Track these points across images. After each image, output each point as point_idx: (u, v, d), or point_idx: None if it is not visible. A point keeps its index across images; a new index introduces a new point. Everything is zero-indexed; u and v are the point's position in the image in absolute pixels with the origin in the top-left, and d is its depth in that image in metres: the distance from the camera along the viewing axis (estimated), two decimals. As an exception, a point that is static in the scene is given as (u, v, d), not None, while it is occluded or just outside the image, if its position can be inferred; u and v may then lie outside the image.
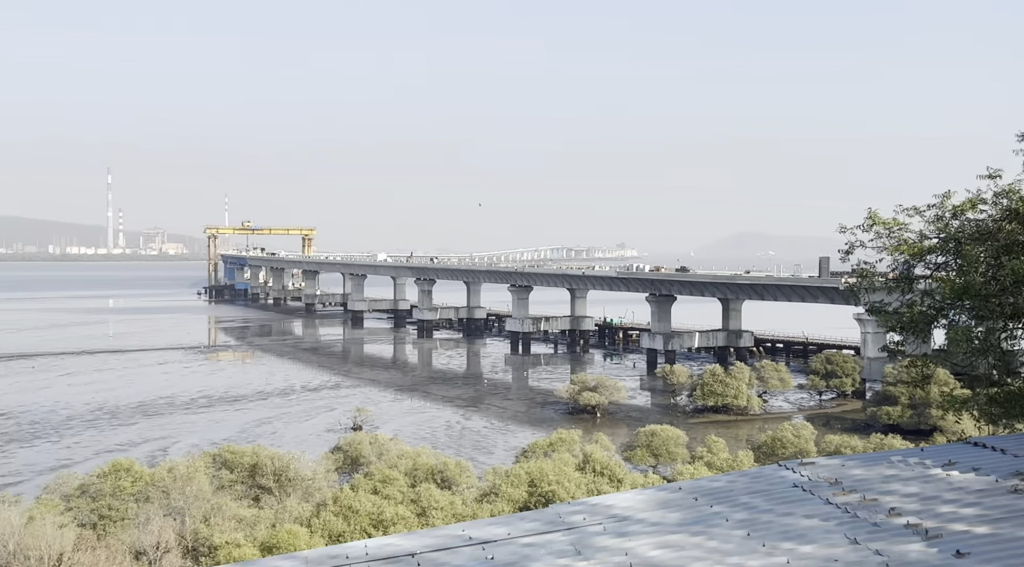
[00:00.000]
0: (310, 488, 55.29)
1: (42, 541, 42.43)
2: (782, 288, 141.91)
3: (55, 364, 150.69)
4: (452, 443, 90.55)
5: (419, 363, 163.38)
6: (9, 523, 44.54)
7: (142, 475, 53.01)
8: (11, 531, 43.96)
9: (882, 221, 18.17)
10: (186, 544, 45.92)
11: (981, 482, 11.01)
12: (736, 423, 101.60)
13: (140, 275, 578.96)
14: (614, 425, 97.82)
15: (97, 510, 50.41)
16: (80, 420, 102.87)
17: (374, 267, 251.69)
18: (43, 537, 42.66)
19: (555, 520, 11.44)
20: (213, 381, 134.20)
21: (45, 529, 43.30)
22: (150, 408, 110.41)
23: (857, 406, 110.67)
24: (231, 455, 57.47)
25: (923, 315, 17.77)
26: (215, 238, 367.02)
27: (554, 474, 50.94)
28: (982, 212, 17.02)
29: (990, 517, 9.79)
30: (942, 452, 12.57)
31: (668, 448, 72.22)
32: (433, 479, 53.34)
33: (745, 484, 12.09)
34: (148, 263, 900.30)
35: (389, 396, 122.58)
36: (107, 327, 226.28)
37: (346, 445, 66.87)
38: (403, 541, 11.26)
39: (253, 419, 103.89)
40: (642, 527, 10.77)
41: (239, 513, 48.10)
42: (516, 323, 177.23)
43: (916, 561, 8.88)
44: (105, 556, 43.02)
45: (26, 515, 46.37)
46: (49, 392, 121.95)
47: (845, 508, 10.53)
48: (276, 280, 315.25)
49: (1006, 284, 15.43)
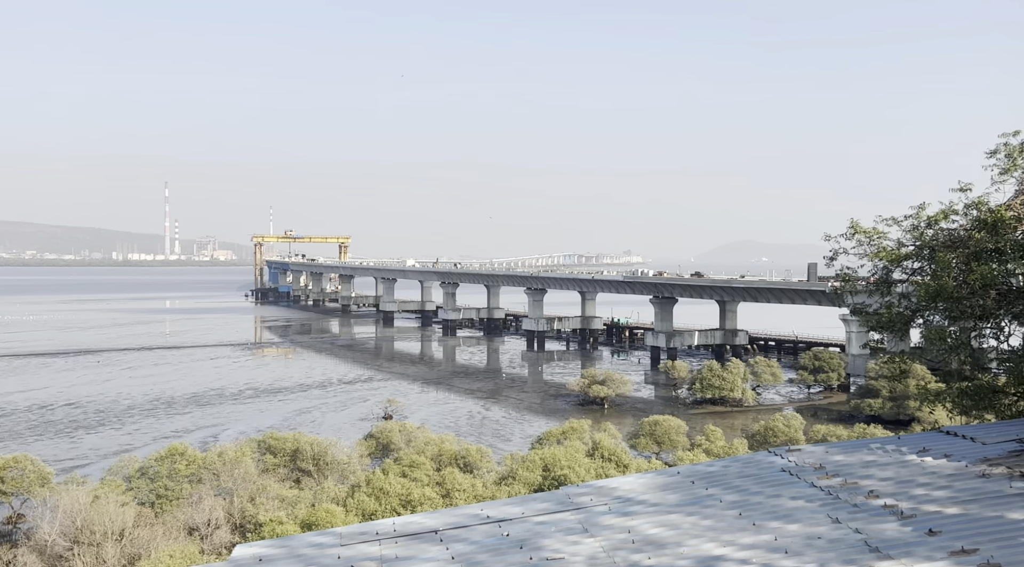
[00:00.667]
0: (345, 471, 55.47)
1: (106, 517, 42.79)
2: (774, 291, 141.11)
3: (118, 359, 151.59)
4: (473, 431, 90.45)
5: (444, 359, 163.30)
6: (77, 501, 44.93)
7: (195, 459, 53.23)
8: (78, 508, 44.35)
9: (863, 230, 18.09)
10: (234, 521, 46.10)
11: (952, 467, 10.92)
12: (732, 414, 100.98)
13: (193, 279, 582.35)
14: (621, 415, 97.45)
15: (155, 490, 50.70)
16: (139, 409, 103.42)
17: (403, 272, 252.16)
18: (107, 514, 43.03)
19: (564, 501, 11.45)
20: (259, 375, 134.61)
21: (109, 507, 43.65)
22: (202, 398, 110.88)
23: (842, 399, 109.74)
24: (274, 441, 57.65)
25: (900, 316, 17.65)
26: (261, 245, 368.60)
27: (566, 460, 50.77)
28: (954, 222, 16.92)
29: (960, 499, 9.72)
30: (917, 440, 12.48)
31: (670, 436, 71.88)
32: (456, 464, 53.29)
33: (737, 469, 12.06)
34: (200, 268, 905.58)
35: (417, 388, 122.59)
36: (164, 326, 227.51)
37: (378, 433, 66.94)
38: (426, 519, 11.29)
39: (294, 409, 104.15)
40: (643, 507, 10.76)
41: (282, 493, 48.24)
42: (532, 323, 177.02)
43: (892, 538, 8.83)
44: (162, 531, 43.30)
45: (92, 494, 46.72)
46: (112, 384, 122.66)
47: (828, 491, 10.48)
48: (315, 283, 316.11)
49: (975, 288, 15.32)
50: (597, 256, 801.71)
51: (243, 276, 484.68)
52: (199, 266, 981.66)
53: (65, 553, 42.97)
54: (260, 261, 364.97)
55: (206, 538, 44.21)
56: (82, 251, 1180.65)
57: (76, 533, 43.48)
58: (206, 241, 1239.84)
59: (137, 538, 42.29)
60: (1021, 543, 8.37)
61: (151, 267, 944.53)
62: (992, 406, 16.40)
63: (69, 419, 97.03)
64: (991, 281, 15.00)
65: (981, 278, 14.70)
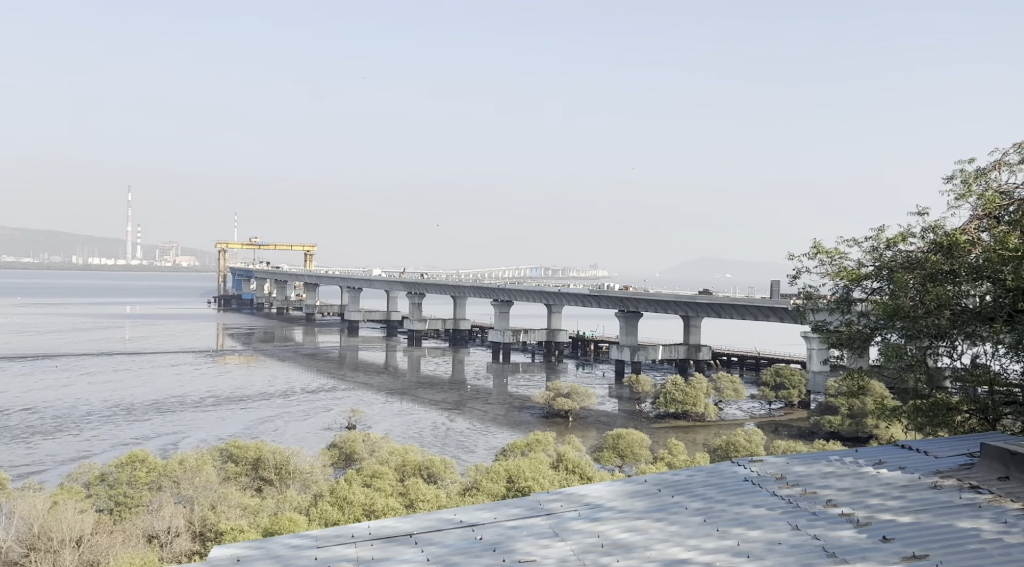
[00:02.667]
0: (308, 481, 55.24)
1: (64, 524, 42.19)
2: (737, 307, 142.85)
3: (76, 364, 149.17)
4: (438, 442, 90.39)
5: (409, 369, 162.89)
6: (34, 507, 44.25)
7: (155, 466, 52.69)
8: (36, 515, 43.68)
9: (825, 250, 18.68)
10: (194, 529, 45.70)
11: (906, 479, 11.42)
12: (694, 428, 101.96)
13: (155, 285, 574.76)
14: (585, 428, 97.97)
15: (114, 497, 50.08)
16: (98, 415, 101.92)
17: (369, 281, 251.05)
18: (65, 520, 42.42)
19: (535, 507, 11.77)
20: (220, 382, 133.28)
21: (67, 513, 43.04)
22: (163, 406, 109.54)
23: (803, 415, 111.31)
24: (236, 449, 57.26)
25: (859, 333, 18.26)
26: (224, 252, 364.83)
27: (530, 471, 51.06)
28: (912, 244, 17.57)
29: (912, 508, 10.21)
30: (873, 453, 13.00)
31: (633, 450, 72.49)
32: (420, 474, 53.35)
33: (702, 478, 12.47)
34: (163, 274, 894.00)
35: (381, 398, 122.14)
36: (124, 331, 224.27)
37: (341, 442, 66.75)
38: (401, 523, 11.54)
39: (256, 417, 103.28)
40: (612, 514, 11.11)
41: (243, 502, 47.95)
42: (498, 334, 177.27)
43: (848, 545, 9.28)
44: (121, 539, 42.78)
45: (50, 501, 46.04)
46: (70, 389, 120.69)
47: (788, 499, 10.92)
48: (279, 291, 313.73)
49: (930, 308, 15.95)
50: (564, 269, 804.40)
51: (206, 283, 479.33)
52: (161, 271, 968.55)
53: (21, 560, 42.29)
54: (224, 268, 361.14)
55: (166, 546, 43.80)
56: (41, 254, 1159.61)
57: (33, 540, 42.81)
58: (169, 246, 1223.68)
59: (96, 545, 41.75)
60: (969, 549, 8.86)
61: (112, 271, 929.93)
62: (945, 423, 17.04)
63: (26, 424, 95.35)
64: (945, 302, 15.65)
65: (936, 298, 15.34)
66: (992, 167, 16.79)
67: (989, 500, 10.20)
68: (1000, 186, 16.75)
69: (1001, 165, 16.74)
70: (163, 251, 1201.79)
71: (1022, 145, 16.52)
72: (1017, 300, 14.95)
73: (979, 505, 10.09)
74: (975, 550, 8.82)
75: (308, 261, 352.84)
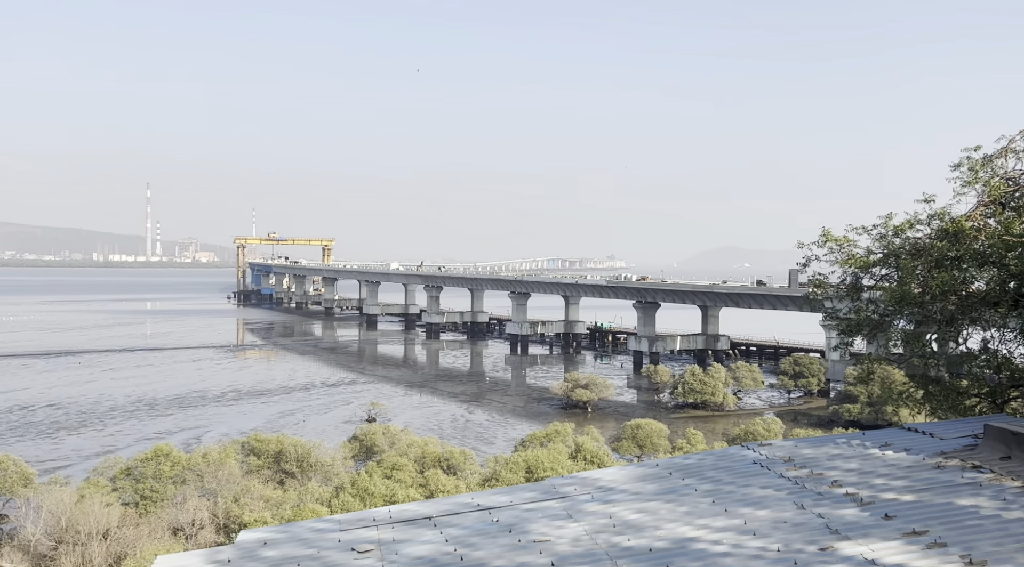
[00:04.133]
0: (329, 473, 55.90)
1: (91, 517, 43.02)
2: (755, 297, 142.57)
3: (99, 360, 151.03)
4: (457, 434, 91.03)
5: (427, 362, 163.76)
6: (62, 501, 45.18)
7: (179, 460, 53.45)
8: (63, 508, 44.59)
9: (834, 238, 18.93)
10: (218, 522, 46.44)
11: (910, 460, 11.74)
12: (713, 418, 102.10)
13: (175, 281, 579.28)
14: (603, 419, 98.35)
15: (140, 491, 50.84)
16: (122, 411, 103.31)
17: (387, 275, 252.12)
18: (92, 514, 43.26)
19: (550, 491, 12.18)
20: (241, 377, 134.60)
21: (94, 507, 43.89)
22: (185, 400, 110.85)
23: (822, 404, 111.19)
24: (258, 443, 57.96)
25: (868, 320, 18.52)
26: (243, 248, 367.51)
27: (549, 462, 51.44)
28: (919, 231, 17.80)
29: (915, 488, 10.53)
30: (880, 436, 13.31)
31: (651, 440, 72.80)
32: (440, 466, 53.85)
33: (712, 461, 12.84)
34: (182, 270, 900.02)
35: (400, 391, 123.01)
36: (145, 327, 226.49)
37: (361, 435, 67.37)
38: (421, 507, 11.99)
39: (277, 411, 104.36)
40: (624, 496, 11.51)
41: (266, 494, 48.59)
42: (515, 326, 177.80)
43: (851, 522, 9.63)
44: (147, 531, 43.60)
45: (77, 494, 46.95)
46: (94, 385, 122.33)
47: (795, 480, 11.27)
48: (298, 286, 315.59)
49: (936, 294, 16.20)
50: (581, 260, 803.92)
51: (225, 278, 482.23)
52: (181, 267, 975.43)
53: (50, 552, 43.24)
54: (243, 263, 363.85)
55: (190, 538, 44.56)
56: (62, 252, 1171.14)
57: (61, 533, 43.74)
58: (188, 242, 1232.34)
59: (122, 538, 42.57)
60: (967, 525, 9.19)
61: (132, 268, 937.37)
62: (955, 407, 17.29)
63: (51, 420, 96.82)
64: (951, 287, 15.90)
65: (942, 284, 15.59)
66: (998, 154, 16.98)
67: (990, 479, 10.51)
68: (1006, 173, 16.95)
69: (1007, 152, 16.92)
70: (183, 247, 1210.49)
71: None
72: (1022, 285, 15.19)
73: (980, 484, 10.40)
74: (973, 525, 9.15)
75: (326, 256, 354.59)
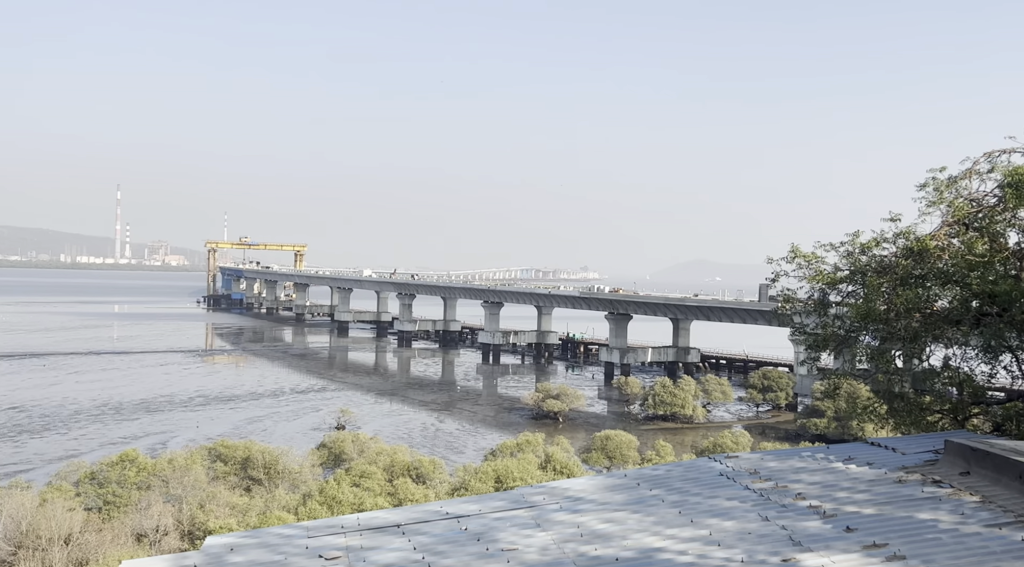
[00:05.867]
0: (297, 480, 55.55)
1: (53, 522, 42.35)
2: (726, 310, 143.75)
3: (64, 363, 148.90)
4: (427, 443, 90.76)
5: (398, 370, 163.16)
6: (22, 505, 44.43)
7: (145, 465, 52.90)
8: (24, 512, 43.86)
9: (803, 254, 19.23)
10: (183, 528, 45.94)
11: (873, 474, 11.96)
12: (682, 430, 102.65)
13: (144, 284, 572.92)
14: (574, 430, 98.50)
15: (103, 496, 50.24)
16: (86, 414, 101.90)
17: (359, 282, 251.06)
18: (54, 518, 42.59)
19: (519, 500, 12.25)
20: (209, 382, 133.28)
21: (56, 511, 43.22)
22: (151, 405, 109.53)
23: (790, 418, 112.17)
24: (225, 449, 57.51)
25: (834, 335, 18.83)
26: (214, 252, 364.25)
27: (519, 472, 51.53)
28: (885, 249, 18.16)
29: (877, 501, 10.74)
30: (844, 450, 13.54)
31: (621, 451, 73.05)
32: (409, 474, 53.73)
33: (680, 472, 12.98)
34: (152, 273, 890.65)
35: (370, 399, 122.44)
36: (112, 330, 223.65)
37: (330, 442, 67.03)
38: (389, 515, 12.01)
39: (245, 417, 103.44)
40: (592, 506, 11.61)
41: (232, 501, 48.21)
42: (488, 336, 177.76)
43: (814, 534, 9.80)
44: (111, 537, 43.00)
45: (38, 499, 46.23)
46: (58, 388, 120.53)
47: (760, 493, 11.44)
48: (269, 291, 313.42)
49: (900, 311, 16.53)
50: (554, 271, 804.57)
51: (195, 282, 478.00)
52: (150, 271, 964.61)
53: (8, 558, 42.49)
54: (213, 267, 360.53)
55: (154, 544, 44.04)
56: (29, 252, 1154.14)
57: (21, 538, 43.00)
58: (158, 245, 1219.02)
59: (85, 543, 41.95)
60: (926, 538, 9.40)
61: (100, 270, 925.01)
62: (917, 423, 17.61)
63: (13, 423, 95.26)
64: (915, 305, 16.24)
65: (906, 302, 15.92)
66: (963, 175, 17.38)
67: (949, 494, 10.74)
68: (970, 194, 17.35)
69: (972, 173, 17.32)
70: (152, 250, 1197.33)
71: (992, 154, 17.10)
72: (983, 304, 15.54)
73: (940, 498, 10.63)
74: (932, 539, 9.36)
75: (298, 261, 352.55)
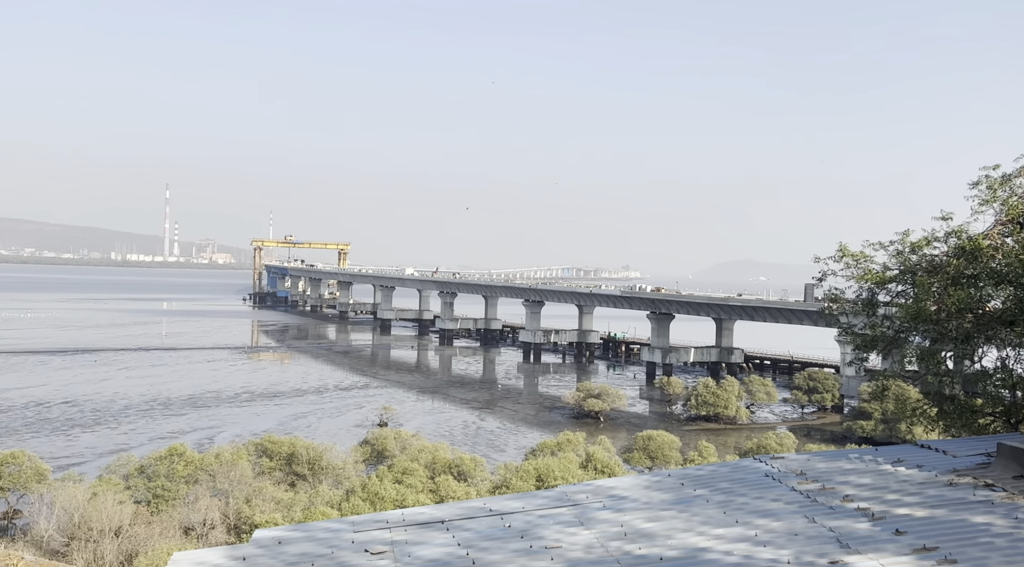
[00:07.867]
0: (340, 476, 56.03)
1: (104, 514, 43.30)
2: (770, 310, 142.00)
3: (115, 359, 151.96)
4: (468, 440, 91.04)
5: (440, 368, 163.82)
6: (75, 498, 45.52)
7: (193, 459, 53.79)
8: (76, 505, 44.92)
9: (851, 253, 18.94)
10: (229, 522, 46.62)
11: (923, 476, 11.76)
12: (725, 431, 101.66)
13: (192, 282, 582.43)
14: (615, 430, 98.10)
15: (152, 489, 51.16)
16: (136, 409, 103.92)
17: (402, 280, 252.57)
18: (104, 511, 43.54)
19: (562, 498, 12.27)
20: (255, 378, 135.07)
21: (106, 504, 44.17)
22: (198, 401, 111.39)
23: (836, 419, 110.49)
24: (271, 444, 58.21)
25: (883, 336, 18.51)
26: (260, 250, 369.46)
27: (559, 470, 51.40)
28: (936, 248, 17.81)
29: (927, 504, 10.56)
30: (893, 452, 13.33)
31: (663, 451, 72.56)
32: (450, 472, 53.89)
33: (725, 473, 12.89)
34: (199, 271, 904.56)
35: (412, 397, 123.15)
36: (161, 327, 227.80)
37: (373, 439, 67.51)
38: (434, 511, 12.11)
39: (290, 413, 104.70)
40: (636, 504, 11.58)
41: (277, 496, 48.77)
42: (529, 334, 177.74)
43: (862, 536, 9.67)
44: (159, 530, 43.86)
45: (90, 492, 47.28)
46: (109, 384, 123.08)
47: (807, 494, 11.31)
48: (313, 289, 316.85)
49: (952, 311, 16.20)
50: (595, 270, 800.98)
51: (241, 280, 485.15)
52: (197, 268, 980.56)
53: (62, 549, 43.56)
54: (259, 265, 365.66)
55: (201, 538, 44.77)
56: (81, 250, 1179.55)
57: (73, 529, 44.06)
58: (205, 244, 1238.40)
59: (134, 535, 42.83)
60: (978, 542, 9.22)
61: (149, 268, 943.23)
62: (969, 426, 17.26)
63: (65, 417, 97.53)
64: (967, 305, 15.90)
65: (958, 302, 15.60)
66: (1017, 173, 16.99)
67: (1002, 497, 10.53)
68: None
69: (1026, 171, 16.94)
70: (200, 248, 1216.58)
71: None
72: (1039, 304, 15.17)
73: (992, 502, 10.42)
74: (984, 543, 9.18)
75: (342, 259, 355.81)
